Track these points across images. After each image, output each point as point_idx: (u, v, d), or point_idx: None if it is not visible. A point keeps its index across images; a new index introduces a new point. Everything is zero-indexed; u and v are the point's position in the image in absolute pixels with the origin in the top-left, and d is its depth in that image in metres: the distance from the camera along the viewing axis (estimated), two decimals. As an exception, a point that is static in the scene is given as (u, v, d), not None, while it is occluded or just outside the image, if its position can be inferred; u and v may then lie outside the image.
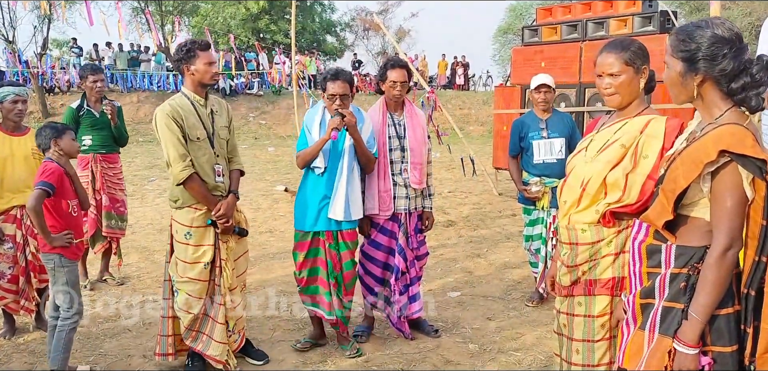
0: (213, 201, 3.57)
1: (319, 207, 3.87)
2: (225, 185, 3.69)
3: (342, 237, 3.92)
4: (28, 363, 3.90)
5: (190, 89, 3.62)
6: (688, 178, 1.86)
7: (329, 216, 3.85)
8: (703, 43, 1.86)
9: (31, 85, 18.98)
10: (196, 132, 3.55)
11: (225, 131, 3.76)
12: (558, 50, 8.62)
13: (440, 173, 12.15)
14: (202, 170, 3.56)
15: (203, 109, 3.63)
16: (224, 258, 3.64)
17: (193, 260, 3.58)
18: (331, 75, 3.88)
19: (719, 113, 1.89)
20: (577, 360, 2.55)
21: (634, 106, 2.45)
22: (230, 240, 3.68)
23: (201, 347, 3.64)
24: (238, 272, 3.79)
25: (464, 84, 28.82)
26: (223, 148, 3.73)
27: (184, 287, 3.59)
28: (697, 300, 1.84)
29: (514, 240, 7.06)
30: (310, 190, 3.90)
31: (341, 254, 3.94)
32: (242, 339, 3.89)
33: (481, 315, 4.72)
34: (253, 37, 28.16)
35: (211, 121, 3.66)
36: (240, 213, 3.83)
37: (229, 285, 3.67)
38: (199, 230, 3.58)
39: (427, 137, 4.27)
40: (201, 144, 3.56)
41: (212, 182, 3.60)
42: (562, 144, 4.67)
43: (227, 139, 3.79)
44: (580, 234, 2.50)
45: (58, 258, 3.46)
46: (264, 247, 6.79)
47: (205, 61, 3.55)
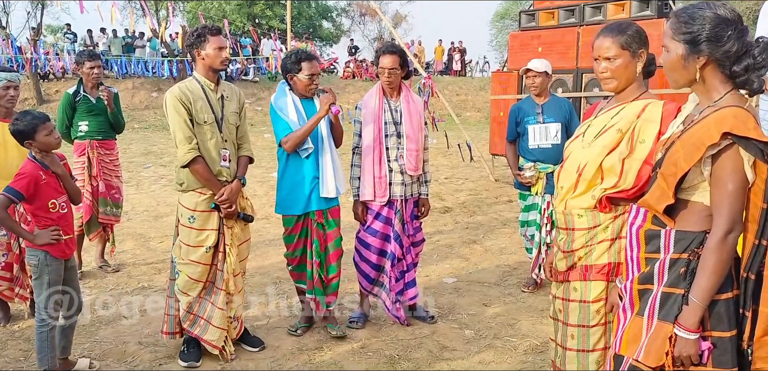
0: (217, 185, 3.58)
1: (311, 189, 3.89)
2: (231, 171, 3.69)
3: (331, 215, 3.99)
4: (24, 350, 3.88)
5: (201, 74, 3.63)
6: (690, 161, 1.84)
7: (322, 195, 3.89)
8: (706, 24, 1.83)
9: (25, 72, 18.85)
10: (204, 115, 3.56)
11: (235, 117, 3.76)
12: (555, 35, 8.59)
13: (437, 159, 12.14)
14: (208, 154, 3.57)
15: (213, 94, 3.64)
16: (228, 244, 3.65)
17: (196, 243, 3.60)
18: (306, 56, 3.92)
19: (719, 96, 1.87)
20: (572, 345, 2.55)
21: (632, 90, 2.42)
22: (235, 225, 3.69)
23: (198, 331, 3.66)
24: (240, 257, 3.80)
25: (461, 70, 28.74)
26: (231, 133, 3.72)
27: (185, 269, 3.63)
28: (698, 285, 1.83)
29: (511, 226, 7.06)
30: (298, 173, 3.91)
31: (328, 233, 3.99)
32: (241, 326, 3.89)
33: (477, 301, 4.72)
34: (249, 22, 27.99)
35: (221, 106, 3.66)
36: (247, 199, 3.83)
37: (233, 270, 3.67)
38: (203, 214, 3.60)
39: (424, 123, 4.24)
40: (208, 128, 3.57)
41: (217, 167, 3.60)
42: (558, 129, 4.64)
43: (237, 124, 3.79)
44: (576, 219, 2.48)
45: (43, 256, 3.29)
46: (260, 234, 6.77)
47: (216, 45, 3.56)
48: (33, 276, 3.36)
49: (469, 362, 3.71)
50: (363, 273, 4.25)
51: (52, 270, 3.32)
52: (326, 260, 4.01)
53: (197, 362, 3.66)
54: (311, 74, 3.89)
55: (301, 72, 3.88)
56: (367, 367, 3.65)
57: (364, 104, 4.12)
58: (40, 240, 3.26)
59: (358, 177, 4.11)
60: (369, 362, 3.72)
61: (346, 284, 5.02)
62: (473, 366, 3.65)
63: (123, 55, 21.93)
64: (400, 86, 4.14)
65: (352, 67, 26.28)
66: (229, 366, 3.68)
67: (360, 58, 27.90)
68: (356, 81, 24.60)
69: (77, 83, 5.30)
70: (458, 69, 28.53)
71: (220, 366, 3.68)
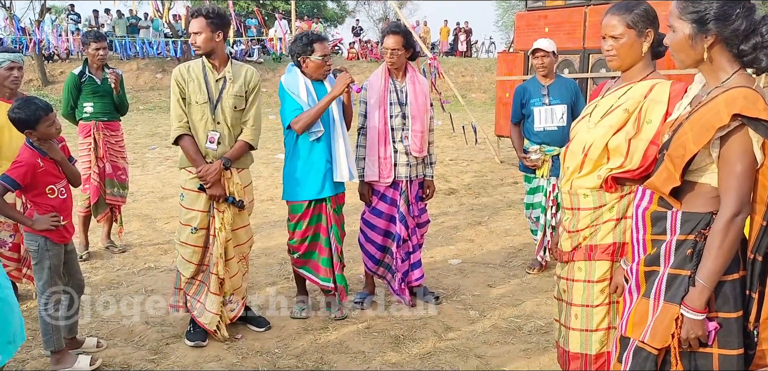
0: (201, 164, 3.57)
1: (324, 173, 3.86)
2: (217, 153, 3.63)
3: (339, 200, 4.03)
4: (32, 329, 3.91)
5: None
6: (699, 143, 1.82)
7: (336, 179, 3.88)
8: (713, 2, 1.81)
9: (30, 53, 18.84)
10: (196, 96, 3.58)
11: (236, 99, 3.64)
12: (562, 15, 8.52)
13: (442, 141, 12.11)
14: (195, 132, 3.61)
15: (212, 75, 3.62)
16: (218, 227, 3.62)
17: (185, 222, 3.66)
18: (317, 38, 3.90)
19: (726, 76, 1.85)
20: (576, 324, 2.55)
21: (638, 69, 2.39)
22: (227, 210, 3.65)
23: (196, 313, 3.70)
24: (236, 242, 3.77)
25: (467, 50, 28.56)
26: (226, 116, 3.63)
27: (179, 249, 3.72)
28: (705, 266, 1.82)
29: (516, 207, 7.05)
30: (310, 158, 3.86)
31: (338, 217, 4.02)
32: (241, 307, 3.89)
33: (481, 282, 4.73)
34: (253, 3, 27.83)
35: (220, 89, 3.62)
36: (237, 184, 3.70)
37: (221, 254, 3.64)
38: (191, 193, 3.64)
39: (430, 105, 4.22)
40: (199, 107, 3.58)
41: (202, 147, 3.60)
42: (564, 111, 4.61)
43: (241, 108, 3.68)
44: (581, 199, 2.48)
45: (42, 241, 3.27)
46: (265, 215, 6.79)
47: (192, 29, 3.58)
48: (33, 261, 3.36)
49: (474, 342, 3.73)
50: (368, 254, 4.26)
51: (52, 254, 3.32)
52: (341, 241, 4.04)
53: (204, 341, 3.68)
54: (324, 55, 3.86)
55: (314, 53, 3.83)
56: (372, 347, 3.67)
57: (369, 85, 4.10)
58: (40, 225, 3.25)
59: (364, 157, 4.10)
60: (374, 342, 3.74)
61: (351, 265, 5.03)
62: (477, 347, 3.67)
63: (127, 36, 21.88)
64: (406, 67, 4.12)
65: (357, 48, 26.15)
66: (235, 346, 3.70)
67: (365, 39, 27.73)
68: (361, 62, 24.48)
69: (83, 64, 5.30)
70: (464, 50, 28.35)
71: (227, 345, 3.70)
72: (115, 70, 5.31)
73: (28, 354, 3.61)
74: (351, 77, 3.83)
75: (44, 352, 3.47)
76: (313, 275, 4.03)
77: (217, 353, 3.62)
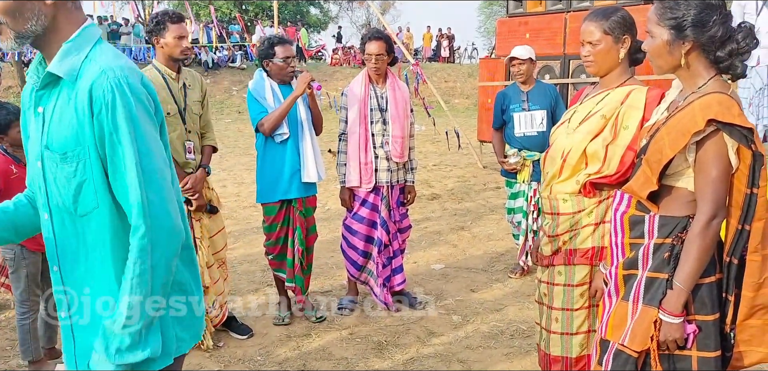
0: (182, 176, 3.51)
1: (292, 175, 3.89)
2: (196, 162, 3.62)
3: (309, 203, 4.03)
4: (10, 339, 3.85)
5: (161, 62, 3.51)
6: (675, 147, 1.85)
7: (304, 180, 3.89)
8: (691, 9, 1.84)
9: (9, 59, 18.58)
10: (167, 106, 3.44)
11: (198, 106, 3.66)
12: (543, 21, 8.58)
13: (425, 146, 12.14)
14: (172, 146, 3.48)
15: (175, 83, 3.53)
16: (198, 236, 3.60)
17: None
18: (278, 40, 3.91)
19: (703, 82, 1.88)
20: (556, 328, 2.57)
21: (616, 76, 2.42)
22: (203, 217, 3.64)
23: None
24: (214, 249, 3.76)
25: (449, 56, 28.69)
26: (195, 123, 3.63)
27: None
28: (682, 270, 1.85)
29: (498, 212, 7.09)
30: (279, 160, 3.90)
31: (307, 220, 4.02)
32: (224, 314, 3.87)
33: (464, 286, 4.74)
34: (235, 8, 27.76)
35: (184, 96, 3.57)
36: (212, 190, 3.76)
37: (207, 261, 3.63)
38: None
39: (411, 111, 4.24)
40: (171, 119, 3.45)
41: (182, 159, 3.53)
42: (544, 116, 4.65)
43: (200, 114, 3.70)
44: (561, 204, 2.50)
45: (18, 249, 3.21)
46: (248, 221, 6.75)
47: (176, 34, 3.42)
48: (10, 269, 3.30)
49: (456, 347, 3.73)
50: (350, 260, 4.26)
51: (29, 263, 3.26)
52: (307, 243, 4.03)
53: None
54: (285, 57, 3.85)
55: (276, 56, 3.85)
56: (355, 353, 3.67)
57: (349, 91, 4.11)
58: None
59: (345, 163, 4.11)
60: (357, 348, 3.73)
61: (334, 271, 5.03)
62: (460, 351, 3.68)
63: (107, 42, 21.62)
64: (387, 73, 4.14)
65: (340, 54, 26.16)
66: (217, 354, 3.67)
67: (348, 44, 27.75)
68: (344, 68, 24.49)
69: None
70: (446, 56, 28.46)
71: (209, 354, 3.67)
72: None
73: (7, 364, 3.56)
74: (311, 76, 3.83)
75: (22, 362, 3.42)
76: (284, 276, 4.07)
77: (200, 361, 3.59)
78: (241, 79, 21.73)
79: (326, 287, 4.78)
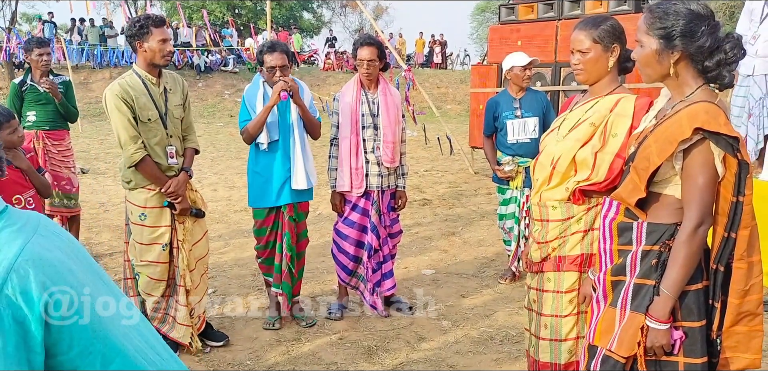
0: (165, 181, 3.48)
1: (282, 181, 3.88)
2: (179, 166, 3.59)
3: (301, 208, 4.04)
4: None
5: (141, 67, 3.45)
6: (662, 155, 1.87)
7: (293, 187, 3.88)
8: (680, 19, 1.86)
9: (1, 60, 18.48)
10: (148, 113, 3.40)
11: (179, 110, 3.63)
12: (534, 29, 8.63)
13: (417, 152, 12.15)
14: (154, 152, 3.45)
15: (155, 88, 3.48)
16: (181, 239, 3.58)
17: (150, 241, 3.51)
18: (268, 48, 3.87)
19: (690, 91, 1.90)
20: (545, 334, 2.58)
21: (605, 84, 2.44)
22: (187, 220, 3.61)
23: (166, 329, 3.61)
24: (197, 255, 3.71)
25: (442, 62, 28.75)
26: (176, 127, 3.60)
27: (144, 270, 3.54)
28: (669, 277, 1.87)
29: (489, 218, 7.10)
30: (269, 166, 3.90)
31: (298, 225, 4.03)
32: (203, 321, 3.82)
33: (454, 292, 4.75)
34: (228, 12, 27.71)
35: (164, 100, 3.53)
36: (196, 192, 3.72)
37: (188, 266, 3.61)
38: (154, 211, 3.50)
39: (402, 116, 4.25)
40: (152, 125, 3.42)
41: (165, 164, 3.50)
42: (536, 123, 4.67)
43: (182, 117, 3.66)
44: (550, 211, 2.52)
45: None
46: (239, 225, 6.74)
47: (159, 38, 3.37)
48: None
49: (446, 352, 3.74)
50: (341, 264, 4.26)
51: None
52: (297, 249, 4.03)
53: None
54: (271, 67, 3.78)
55: (264, 64, 3.84)
56: (345, 358, 3.66)
57: (341, 96, 4.13)
58: None
59: (336, 168, 4.11)
60: (347, 353, 3.73)
61: (325, 276, 5.02)
62: (450, 357, 3.68)
63: (99, 45, 21.56)
64: (378, 78, 4.15)
65: (333, 58, 26.16)
66: (206, 358, 3.66)
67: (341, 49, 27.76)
68: (337, 73, 24.49)
69: (25, 72, 5.11)
70: (439, 62, 28.52)
71: (198, 358, 3.66)
72: (52, 79, 5.07)
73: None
74: (284, 85, 3.70)
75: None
76: (272, 280, 4.07)
77: (189, 366, 3.58)
78: (233, 82, 21.68)
79: (316, 291, 4.77)
